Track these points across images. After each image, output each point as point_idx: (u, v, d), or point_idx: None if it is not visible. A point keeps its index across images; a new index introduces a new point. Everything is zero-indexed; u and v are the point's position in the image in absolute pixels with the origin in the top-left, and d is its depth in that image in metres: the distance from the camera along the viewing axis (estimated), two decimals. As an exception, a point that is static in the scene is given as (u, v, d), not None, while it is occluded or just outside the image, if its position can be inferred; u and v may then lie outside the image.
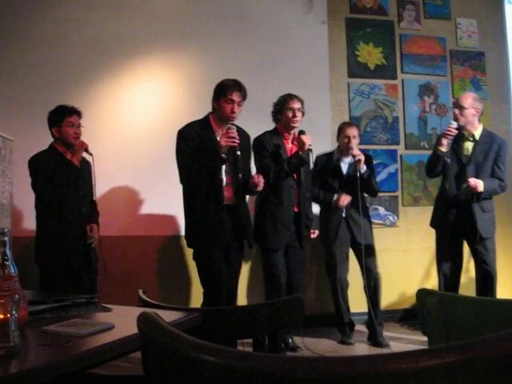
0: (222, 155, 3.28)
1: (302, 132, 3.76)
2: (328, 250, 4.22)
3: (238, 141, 3.31)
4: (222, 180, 3.37)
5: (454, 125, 3.87)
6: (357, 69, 5.21)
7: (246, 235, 3.58)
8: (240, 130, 3.50)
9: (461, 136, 3.99)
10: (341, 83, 5.15)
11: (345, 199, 4.09)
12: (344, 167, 4.22)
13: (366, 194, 4.33)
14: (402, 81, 5.30)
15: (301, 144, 3.70)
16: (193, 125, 3.44)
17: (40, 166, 3.44)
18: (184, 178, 3.41)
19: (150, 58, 4.73)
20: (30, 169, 3.48)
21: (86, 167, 3.63)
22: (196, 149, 3.34)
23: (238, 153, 3.35)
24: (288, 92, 3.94)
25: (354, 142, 4.14)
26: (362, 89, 5.19)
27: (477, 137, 3.98)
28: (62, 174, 3.44)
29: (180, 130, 3.43)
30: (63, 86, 4.45)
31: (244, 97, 3.44)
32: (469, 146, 4.00)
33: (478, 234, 3.87)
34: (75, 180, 3.49)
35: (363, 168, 4.05)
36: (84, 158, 3.63)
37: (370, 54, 5.26)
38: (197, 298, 4.08)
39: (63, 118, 3.49)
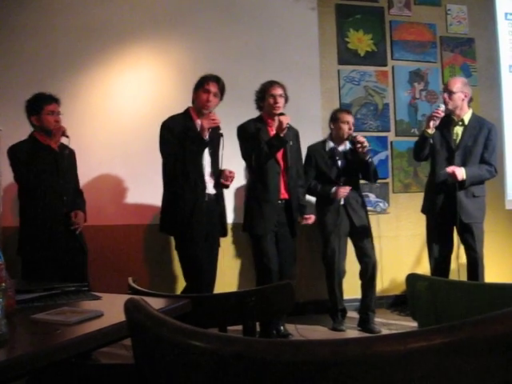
0: (205, 138, 3.42)
1: (281, 114, 3.81)
2: (326, 241, 4.18)
3: (219, 122, 3.47)
4: (204, 169, 3.53)
5: (442, 107, 3.87)
6: (347, 56, 5.19)
7: (223, 224, 3.74)
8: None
9: (450, 121, 3.97)
10: (331, 70, 5.13)
11: (344, 191, 4.07)
12: (340, 156, 4.23)
13: (363, 181, 4.34)
14: (393, 67, 5.29)
15: (279, 124, 3.73)
16: (175, 117, 3.60)
17: (17, 155, 3.38)
18: (170, 168, 3.51)
19: (139, 46, 4.69)
20: (8, 158, 3.42)
21: (69, 155, 3.58)
22: (180, 138, 3.46)
23: (221, 131, 3.53)
24: (278, 79, 3.93)
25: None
26: (353, 76, 5.17)
27: (466, 121, 3.97)
28: (39, 158, 3.38)
29: (163, 122, 3.57)
30: (51, 74, 4.40)
31: (221, 90, 3.61)
32: (458, 130, 3.99)
33: (458, 219, 3.86)
34: (54, 164, 3.44)
35: (368, 155, 4.09)
36: (67, 146, 3.56)
37: (361, 41, 5.24)
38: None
39: (43, 106, 3.44)
